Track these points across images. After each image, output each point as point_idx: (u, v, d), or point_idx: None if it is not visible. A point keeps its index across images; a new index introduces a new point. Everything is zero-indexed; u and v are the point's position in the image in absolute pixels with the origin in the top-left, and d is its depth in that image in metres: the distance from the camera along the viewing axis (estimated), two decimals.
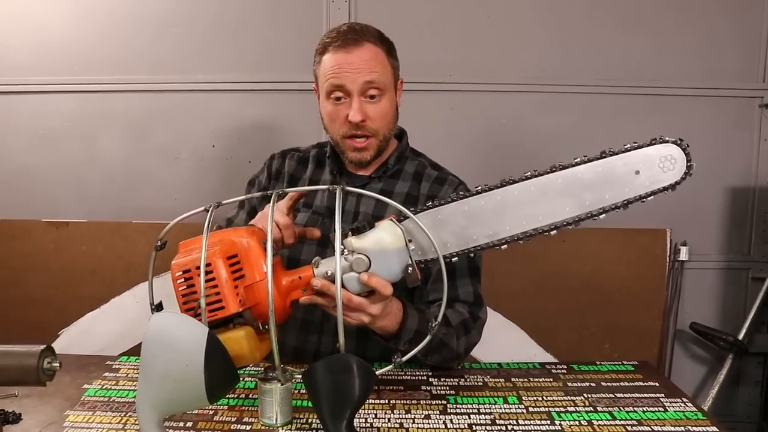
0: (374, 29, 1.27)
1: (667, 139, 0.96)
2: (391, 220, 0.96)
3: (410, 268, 0.94)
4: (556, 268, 1.96)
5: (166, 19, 2.04)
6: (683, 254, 2.12)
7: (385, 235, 0.94)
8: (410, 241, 0.96)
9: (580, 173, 0.96)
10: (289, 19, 2.05)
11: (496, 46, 2.07)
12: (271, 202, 0.93)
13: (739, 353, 2.10)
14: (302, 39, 2.03)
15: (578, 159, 0.97)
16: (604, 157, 0.96)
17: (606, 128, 2.10)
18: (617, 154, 0.97)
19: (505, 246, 0.99)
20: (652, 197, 0.96)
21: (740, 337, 2.09)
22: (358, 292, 0.95)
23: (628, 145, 0.97)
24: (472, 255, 0.95)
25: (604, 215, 0.97)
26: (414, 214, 0.96)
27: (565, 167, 0.97)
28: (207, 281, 0.89)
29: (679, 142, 0.96)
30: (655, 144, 0.96)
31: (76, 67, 2.05)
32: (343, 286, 0.92)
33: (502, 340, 2.00)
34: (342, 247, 0.92)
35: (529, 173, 0.97)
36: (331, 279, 0.93)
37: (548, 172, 0.97)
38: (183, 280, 0.92)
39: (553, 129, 2.09)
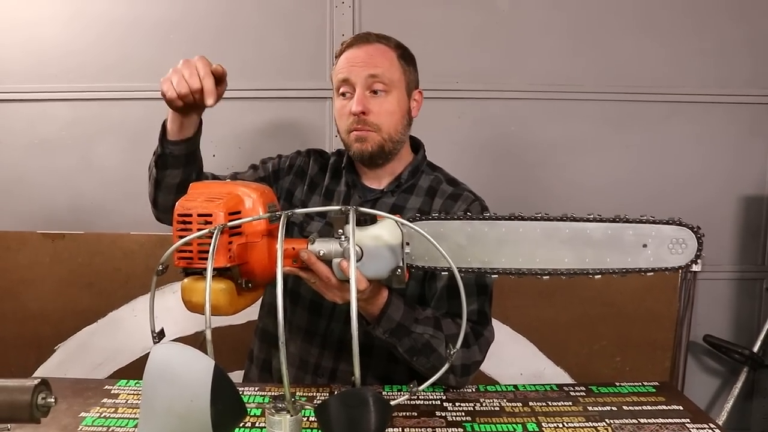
0: (394, 39, 1.28)
1: (684, 223, 0.95)
2: (395, 220, 0.95)
3: (399, 270, 0.95)
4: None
5: (163, 25, 1.98)
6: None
7: (384, 233, 0.95)
8: (408, 244, 0.96)
9: (589, 230, 0.96)
10: (292, 26, 2.00)
11: (505, 52, 2.02)
12: (280, 224, 0.87)
13: (753, 366, 2.06)
14: (306, 46, 1.99)
15: (591, 215, 0.96)
16: (617, 222, 0.95)
17: (616, 136, 2.06)
18: (630, 222, 0.96)
19: (496, 276, 0.98)
20: (651, 273, 0.95)
21: (755, 349, 2.05)
22: (341, 278, 0.96)
23: (645, 217, 0.95)
24: (461, 275, 0.93)
25: (599, 276, 0.96)
26: (417, 221, 0.97)
27: (576, 219, 0.96)
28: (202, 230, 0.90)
29: (696, 228, 0.94)
30: (671, 224, 0.95)
31: (72, 74, 1.99)
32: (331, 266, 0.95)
33: (511, 354, 1.96)
34: (340, 232, 0.94)
35: (540, 214, 0.97)
36: (321, 258, 0.96)
37: (558, 219, 0.96)
38: (182, 222, 0.91)
39: (562, 137, 2.05)
